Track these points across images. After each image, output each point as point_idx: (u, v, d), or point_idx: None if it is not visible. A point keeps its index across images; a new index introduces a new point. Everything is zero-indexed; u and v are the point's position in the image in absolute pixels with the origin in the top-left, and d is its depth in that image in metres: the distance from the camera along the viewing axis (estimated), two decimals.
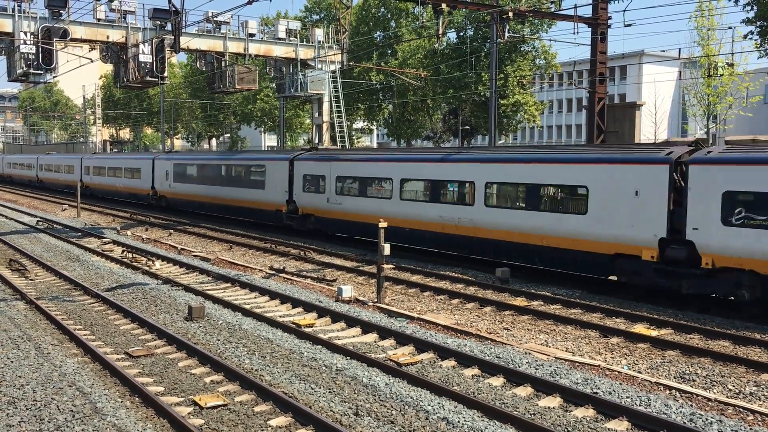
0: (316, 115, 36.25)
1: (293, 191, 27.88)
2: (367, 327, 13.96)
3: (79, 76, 65.19)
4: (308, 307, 15.72)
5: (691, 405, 9.90)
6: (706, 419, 9.25)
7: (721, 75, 38.19)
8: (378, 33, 52.93)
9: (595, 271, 17.67)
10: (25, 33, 26.91)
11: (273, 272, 20.40)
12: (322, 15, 55.58)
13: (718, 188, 14.77)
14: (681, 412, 9.50)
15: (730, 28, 43.48)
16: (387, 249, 16.32)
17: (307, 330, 13.74)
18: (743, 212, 14.42)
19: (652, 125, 54.45)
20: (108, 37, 28.93)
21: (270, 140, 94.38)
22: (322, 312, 15.24)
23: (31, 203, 47.45)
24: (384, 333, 13.51)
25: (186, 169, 36.75)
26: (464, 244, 20.72)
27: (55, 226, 32.40)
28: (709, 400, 10.12)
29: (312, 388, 10.50)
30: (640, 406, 9.75)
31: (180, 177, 37.22)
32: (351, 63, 39.61)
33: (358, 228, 24.62)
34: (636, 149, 17.49)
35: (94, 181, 49.52)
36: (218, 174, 33.69)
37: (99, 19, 28.86)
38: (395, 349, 12.74)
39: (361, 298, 16.73)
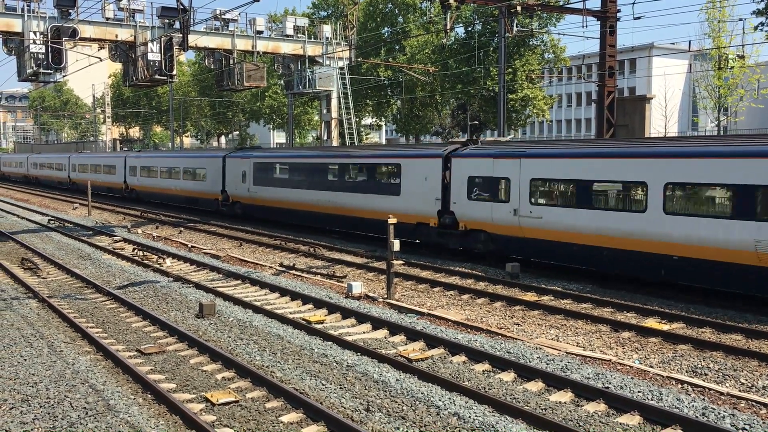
0: (325, 111, 36.27)
1: (450, 199, 21.57)
2: (377, 323, 13.98)
3: (89, 75, 65.53)
4: (318, 304, 15.75)
5: (704, 399, 9.86)
6: (719, 413, 9.21)
7: (732, 67, 37.95)
8: (386, 29, 52.95)
9: None
10: (35, 33, 27.04)
11: (283, 269, 20.46)
12: (330, 11, 55.61)
13: None
14: (693, 406, 9.46)
15: (740, 19, 43.17)
16: (396, 245, 16.31)
17: (318, 326, 13.78)
18: None
19: (662, 118, 54.24)
20: (117, 36, 29.05)
21: (279, 137, 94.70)
22: (332, 308, 15.26)
23: (42, 202, 47.74)
24: (394, 329, 13.53)
25: (273, 170, 30.52)
26: None
27: (66, 224, 32.61)
28: (722, 394, 10.07)
29: (323, 384, 10.53)
30: (651, 400, 9.71)
31: (264, 179, 30.81)
32: (359, 59, 39.63)
33: (571, 252, 18.15)
34: None
35: (142, 183, 43.45)
36: (322, 175, 27.28)
37: (108, 18, 29.00)
38: (406, 344, 12.75)
39: (371, 294, 16.75)
